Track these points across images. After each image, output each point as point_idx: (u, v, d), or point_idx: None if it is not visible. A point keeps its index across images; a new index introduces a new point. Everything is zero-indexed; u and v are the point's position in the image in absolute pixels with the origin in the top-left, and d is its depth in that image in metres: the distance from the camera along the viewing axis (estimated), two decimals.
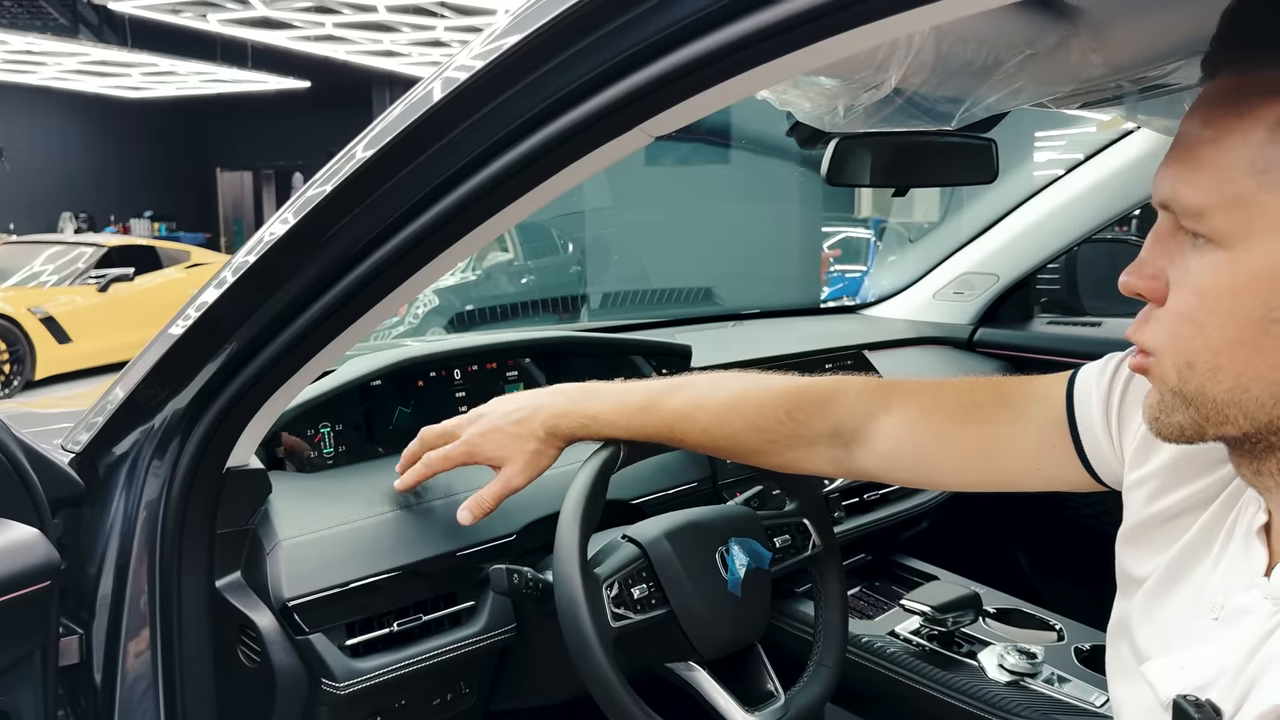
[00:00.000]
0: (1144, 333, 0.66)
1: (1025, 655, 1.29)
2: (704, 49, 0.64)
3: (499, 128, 0.74)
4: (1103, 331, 2.08)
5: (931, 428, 0.96)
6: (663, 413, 1.06)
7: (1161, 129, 1.37)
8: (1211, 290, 0.61)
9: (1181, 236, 0.64)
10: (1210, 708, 0.63)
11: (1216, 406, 0.63)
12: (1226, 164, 0.60)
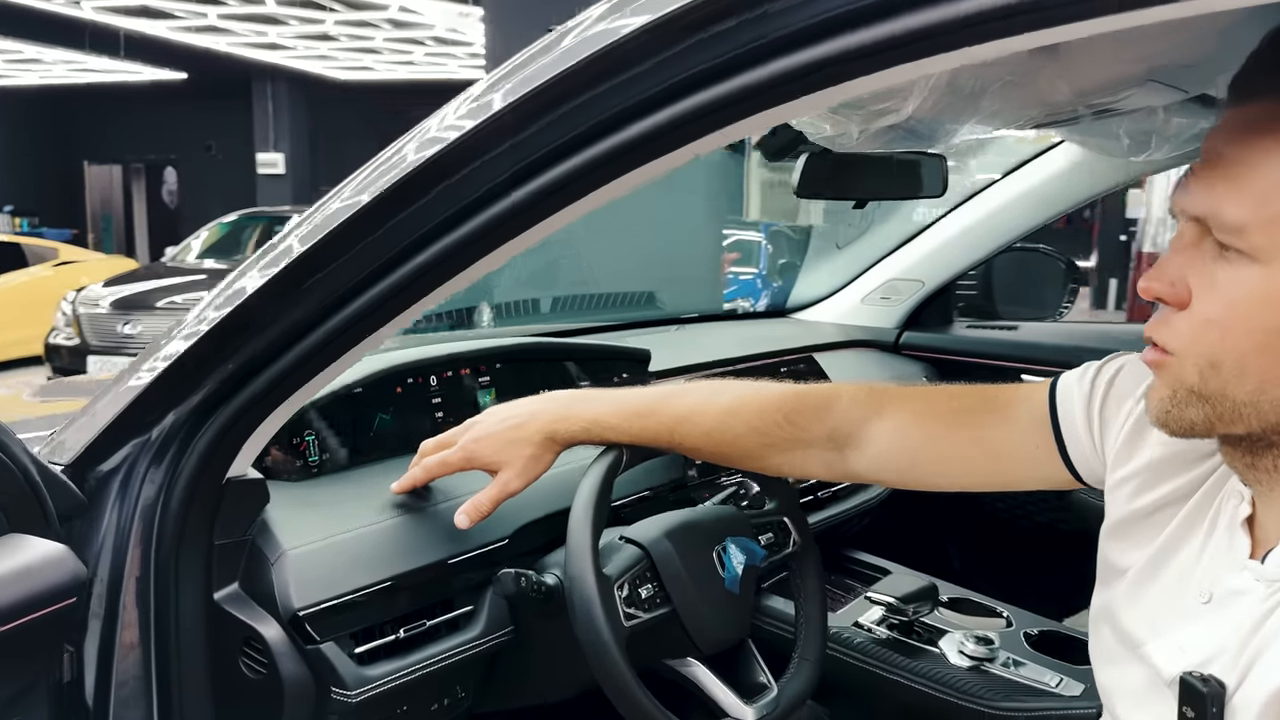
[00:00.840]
0: (1163, 333, 0.71)
1: (983, 641, 1.38)
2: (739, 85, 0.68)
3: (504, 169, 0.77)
4: (1019, 335, 2.21)
5: (923, 432, 1.02)
6: (663, 416, 1.10)
7: (1095, 147, 1.48)
8: (1242, 300, 0.66)
9: (1205, 247, 0.69)
10: (1216, 682, 0.69)
11: (1234, 406, 0.69)
12: (1270, 187, 0.65)
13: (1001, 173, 2.02)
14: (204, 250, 8.88)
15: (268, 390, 0.96)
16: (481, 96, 0.81)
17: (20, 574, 0.79)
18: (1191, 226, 0.70)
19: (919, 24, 0.61)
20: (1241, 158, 0.66)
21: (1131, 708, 0.81)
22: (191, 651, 1.03)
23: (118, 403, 1.02)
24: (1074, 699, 1.29)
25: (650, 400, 1.11)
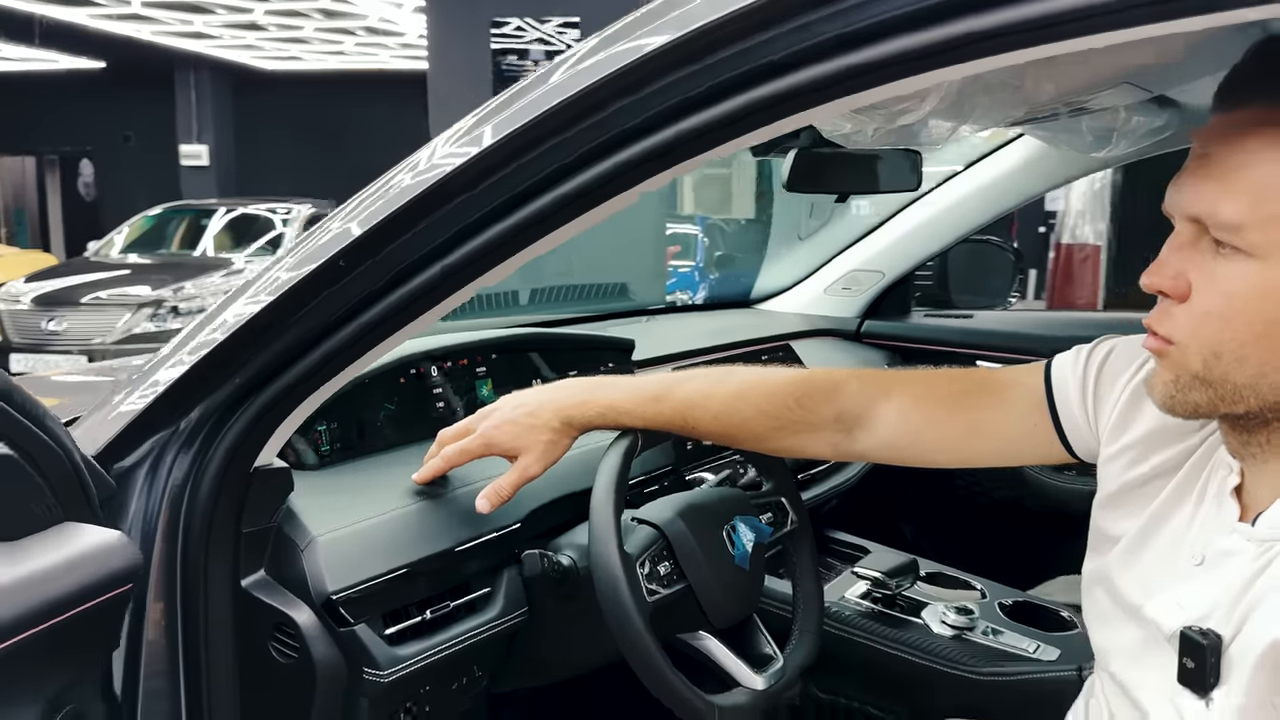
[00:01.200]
0: (1165, 325, 0.77)
1: (963, 612, 1.45)
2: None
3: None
4: (974, 323, 2.31)
5: (926, 414, 1.08)
6: (675, 401, 1.14)
7: (1062, 143, 1.56)
8: (1240, 294, 0.72)
9: (1203, 244, 0.74)
10: (1213, 635, 0.75)
11: (1236, 389, 0.75)
12: (1264, 187, 0.70)
13: (962, 165, 2.10)
14: (128, 245, 8.65)
15: (298, 382, 0.99)
16: (510, 109, 0.85)
17: (82, 560, 0.80)
18: (1188, 226, 0.75)
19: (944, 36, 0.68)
20: (1234, 161, 0.72)
21: (1127, 665, 0.87)
22: (220, 638, 1.05)
23: (143, 396, 1.03)
24: (1052, 663, 1.38)
25: (662, 386, 1.16)
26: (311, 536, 1.06)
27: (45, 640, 0.76)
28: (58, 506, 0.83)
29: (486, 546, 1.19)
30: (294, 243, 0.99)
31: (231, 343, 0.97)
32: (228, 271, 8.00)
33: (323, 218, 3.88)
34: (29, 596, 0.75)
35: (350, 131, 13.28)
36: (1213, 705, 0.74)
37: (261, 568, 1.07)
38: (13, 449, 0.78)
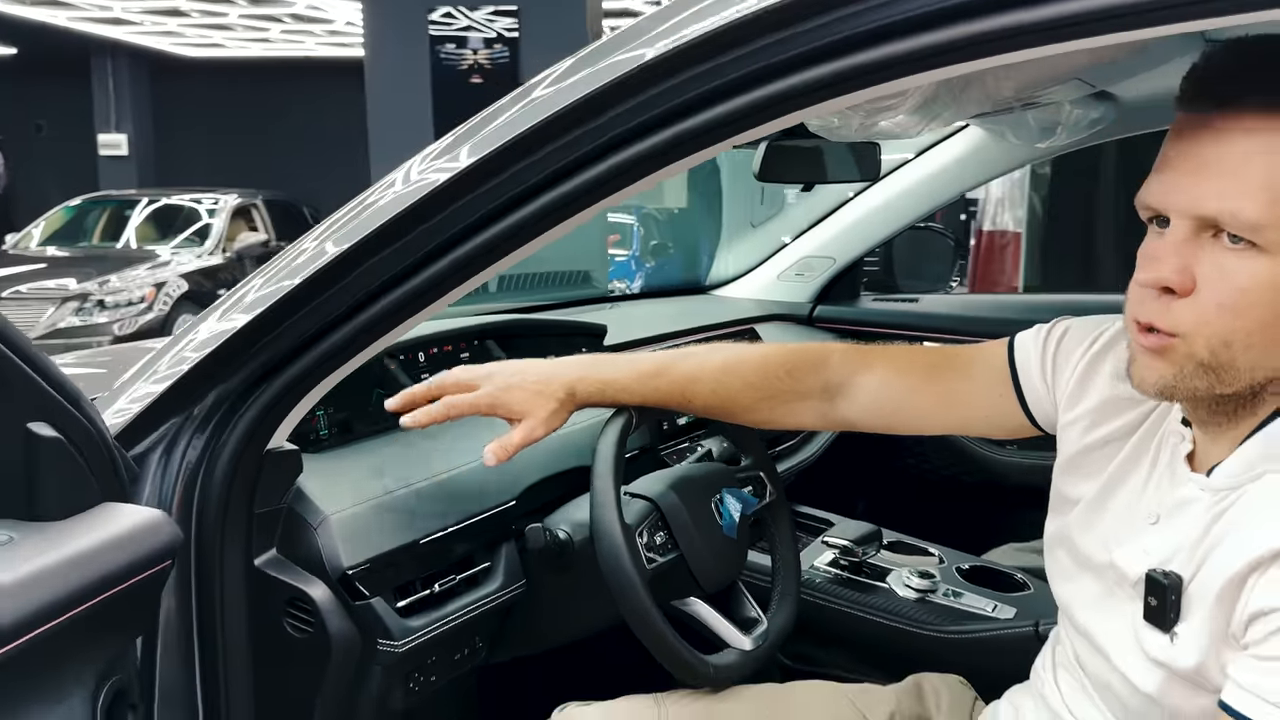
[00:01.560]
0: (1168, 319, 0.79)
1: (925, 576, 1.55)
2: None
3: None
4: (920, 307, 2.42)
5: (907, 384, 1.16)
6: (673, 376, 1.21)
7: (1011, 135, 1.66)
8: (1253, 287, 0.75)
9: (1204, 239, 0.77)
10: (1175, 576, 0.82)
11: (1235, 373, 0.78)
12: (1276, 186, 0.74)
13: (914, 153, 2.20)
14: (47, 237, 8.41)
15: (309, 370, 1.03)
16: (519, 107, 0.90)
17: (130, 538, 0.83)
18: (1187, 223, 0.78)
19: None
20: (1243, 161, 0.75)
21: (1090, 614, 0.95)
22: (235, 615, 1.09)
23: (157, 383, 1.06)
24: (1009, 620, 1.48)
25: (659, 363, 1.22)
26: (324, 515, 1.11)
27: (97, 614, 0.80)
28: (97, 488, 0.86)
29: (486, 523, 1.24)
30: (301, 241, 1.03)
31: (245, 333, 1.01)
32: (154, 264, 7.83)
33: (251, 208, 3.93)
34: (84, 572, 0.79)
35: (275, 120, 13.05)
36: (1176, 639, 0.82)
37: (273, 547, 1.11)
38: (58, 432, 0.81)
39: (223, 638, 1.08)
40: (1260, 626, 0.73)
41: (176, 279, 7.74)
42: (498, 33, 5.80)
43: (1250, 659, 0.74)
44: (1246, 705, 0.72)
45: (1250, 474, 0.81)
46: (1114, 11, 0.69)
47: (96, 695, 0.84)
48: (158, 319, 7.38)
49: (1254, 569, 0.74)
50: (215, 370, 1.04)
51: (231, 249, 8.49)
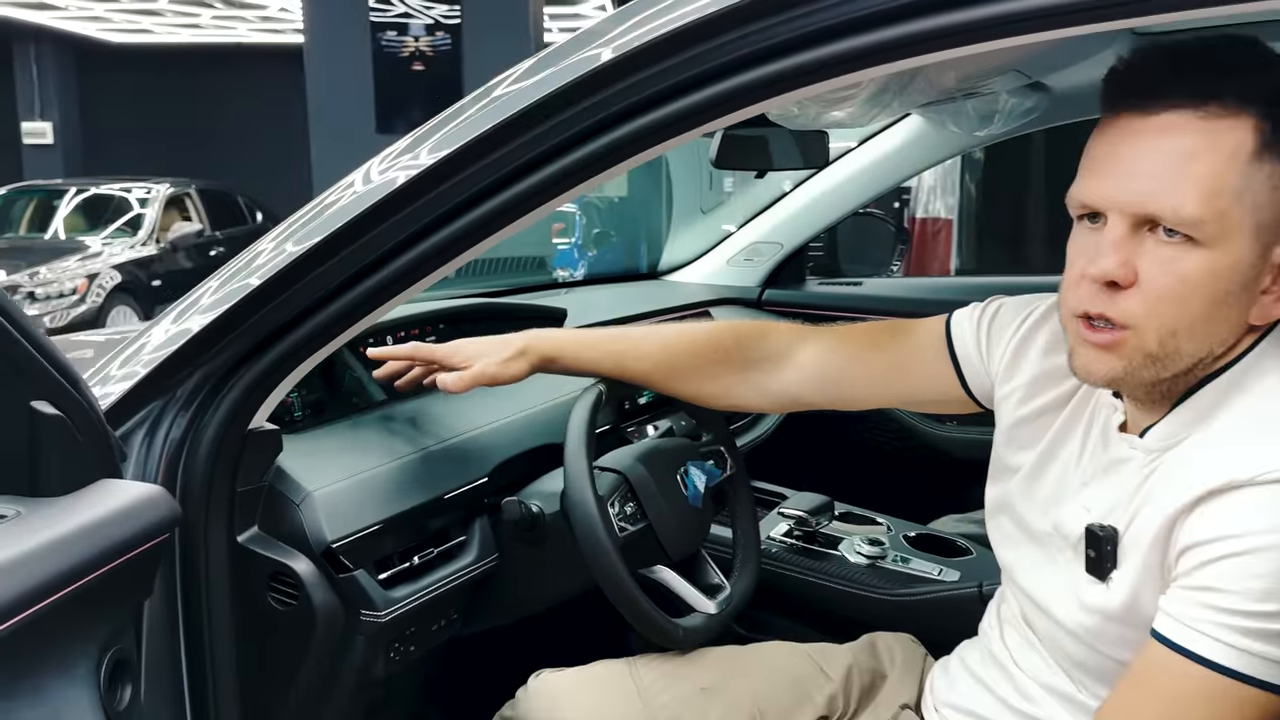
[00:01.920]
0: (1115, 310, 0.83)
1: (875, 543, 1.63)
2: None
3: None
4: (864, 290, 2.51)
5: (848, 352, 1.23)
6: (629, 339, 1.30)
7: (951, 124, 1.74)
8: (1194, 277, 0.80)
9: (1145, 235, 0.82)
10: (1110, 529, 0.90)
11: (1179, 357, 0.83)
12: (1214, 186, 0.79)
13: (856, 141, 2.28)
14: None
15: (290, 352, 1.06)
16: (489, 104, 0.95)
17: (131, 511, 0.87)
18: (1124, 220, 0.82)
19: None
20: (1180, 162, 0.80)
21: (1033, 577, 1.02)
22: (219, 590, 1.12)
23: (140, 365, 1.08)
24: (954, 583, 1.57)
25: (612, 329, 1.29)
26: (306, 492, 1.14)
27: (101, 586, 0.83)
28: (96, 465, 0.89)
29: (461, 498, 1.29)
30: (284, 226, 1.06)
31: (238, 308, 1.04)
32: (84, 255, 7.66)
33: (185, 198, 3.92)
34: (89, 545, 0.82)
35: (207, 109, 12.78)
36: (1111, 584, 0.90)
37: (255, 524, 1.14)
38: (60, 411, 0.84)
39: (208, 612, 1.11)
40: (1187, 559, 0.81)
41: (109, 270, 7.60)
42: (435, 19, 5.77)
43: (1178, 589, 0.82)
44: (1172, 631, 0.80)
45: (1179, 436, 0.88)
46: (1053, 10, 0.75)
47: (99, 665, 0.87)
48: (90, 311, 7.23)
49: (1182, 512, 0.82)
50: (197, 352, 1.06)
51: (165, 239, 8.34)
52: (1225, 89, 0.80)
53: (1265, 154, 0.80)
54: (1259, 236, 0.81)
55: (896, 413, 2.26)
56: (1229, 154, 0.80)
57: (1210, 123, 0.80)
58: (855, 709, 1.22)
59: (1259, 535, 0.77)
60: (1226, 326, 0.84)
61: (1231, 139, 0.80)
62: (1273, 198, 0.81)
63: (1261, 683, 0.77)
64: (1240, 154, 0.80)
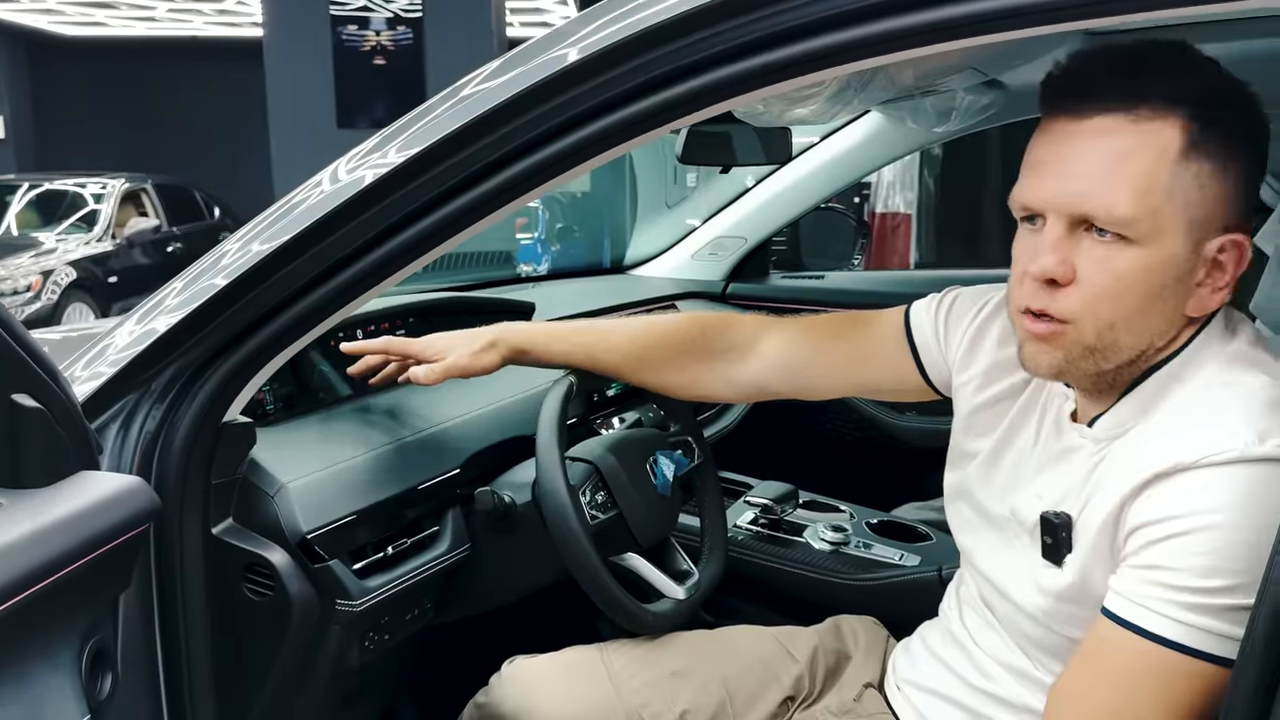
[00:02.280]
0: (1055, 305, 0.87)
1: (838, 530, 1.67)
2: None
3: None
4: (826, 283, 2.56)
5: (812, 342, 1.27)
6: (598, 330, 1.33)
7: (910, 120, 1.79)
8: (1128, 273, 0.84)
9: (1079, 234, 0.85)
10: (1065, 515, 0.94)
11: (1118, 350, 0.87)
12: (1145, 185, 0.82)
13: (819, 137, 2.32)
14: None
15: (264, 345, 1.08)
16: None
17: (112, 502, 0.88)
18: (1061, 220, 0.85)
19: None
20: (1113, 163, 0.83)
21: (991, 561, 1.06)
22: (194, 582, 1.13)
23: (106, 366, 1.09)
24: (914, 567, 1.61)
25: (582, 325, 1.34)
26: (281, 484, 1.16)
27: (84, 575, 0.84)
28: (75, 457, 0.90)
29: (433, 489, 1.31)
30: (249, 227, 1.07)
31: (206, 307, 1.05)
32: (38, 251, 7.53)
33: (141, 193, 3.90)
34: (72, 535, 0.83)
35: (163, 103, 12.58)
36: (1065, 567, 0.94)
37: (229, 516, 1.15)
38: (40, 403, 0.85)
39: (183, 604, 1.12)
40: (1135, 540, 0.85)
41: (64, 266, 7.47)
42: (397, 13, 5.75)
43: (1127, 568, 0.86)
44: (1122, 608, 0.85)
45: (1125, 426, 0.92)
46: (1013, 11, 0.79)
47: (81, 653, 0.88)
48: (46, 308, 7.11)
49: (1131, 495, 0.86)
50: (172, 346, 1.07)
51: (122, 235, 8.22)
52: (1154, 91, 0.83)
53: (1192, 153, 0.83)
54: (1191, 232, 0.85)
55: (857, 403, 2.31)
56: (1158, 154, 0.83)
57: (1140, 124, 0.83)
58: (821, 689, 1.26)
59: (1203, 515, 0.80)
60: (1163, 319, 0.88)
61: (1160, 139, 0.83)
62: (1202, 195, 0.84)
63: (1208, 655, 0.81)
64: (1169, 153, 0.83)
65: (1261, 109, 0.88)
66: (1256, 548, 0.77)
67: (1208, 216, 0.85)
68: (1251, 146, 0.86)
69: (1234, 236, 0.86)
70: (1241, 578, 0.79)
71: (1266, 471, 0.80)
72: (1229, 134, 0.84)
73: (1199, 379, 0.89)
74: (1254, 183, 0.87)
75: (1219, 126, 0.83)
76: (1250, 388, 0.85)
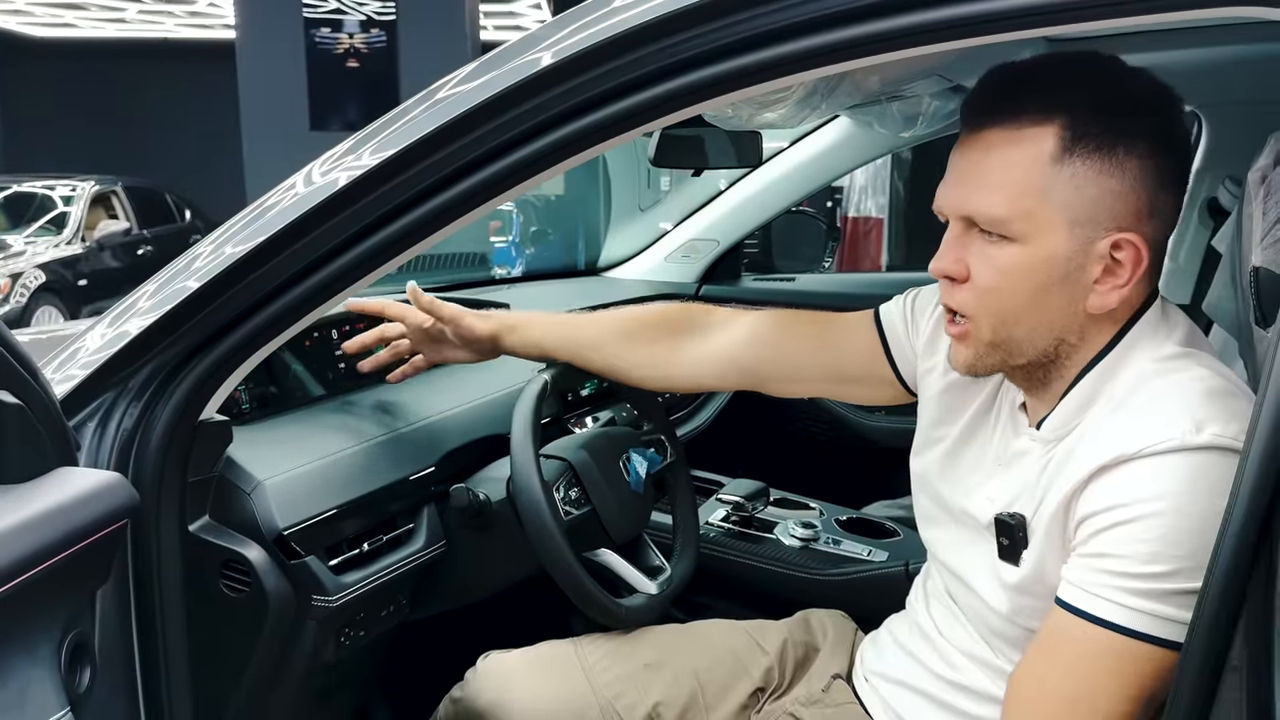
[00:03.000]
0: (955, 299, 0.95)
1: (808, 526, 1.70)
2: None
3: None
4: (797, 285, 2.59)
5: (784, 322, 1.31)
6: (585, 319, 1.34)
7: (877, 125, 1.82)
8: (1011, 271, 0.90)
9: (974, 235, 0.92)
10: (1020, 516, 0.97)
11: (1018, 345, 0.94)
12: (1020, 188, 0.88)
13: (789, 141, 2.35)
14: None
15: (241, 344, 1.09)
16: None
17: (91, 497, 0.89)
18: (958, 223, 0.93)
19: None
20: (991, 170, 0.90)
21: (954, 554, 1.09)
22: (171, 579, 1.14)
23: (78, 368, 1.09)
24: (883, 563, 1.64)
25: (569, 315, 1.39)
26: (257, 481, 1.17)
27: (63, 569, 0.85)
28: (54, 454, 0.91)
29: (409, 486, 1.32)
30: (222, 230, 1.08)
31: (179, 309, 1.06)
32: (6, 254, 7.45)
33: (111, 195, 3.90)
34: (52, 529, 0.84)
35: (133, 104, 12.49)
36: (1022, 564, 0.98)
37: (206, 513, 1.16)
38: (18, 399, 0.86)
39: (160, 600, 1.13)
40: (1083, 530, 0.89)
41: (33, 269, 7.39)
42: (370, 16, 5.74)
43: (1076, 558, 0.89)
44: (1073, 596, 0.88)
45: (1069, 425, 0.96)
46: (977, 19, 0.82)
47: (60, 647, 0.89)
48: (14, 311, 7.04)
49: (1078, 488, 0.90)
50: (149, 345, 1.08)
51: (91, 238, 8.14)
52: (1035, 103, 0.90)
53: (1066, 156, 0.88)
54: (1074, 231, 0.89)
55: (828, 403, 2.34)
56: (1033, 158, 0.89)
57: (1021, 132, 0.89)
58: (790, 680, 1.28)
59: (1145, 503, 0.84)
60: (1059, 315, 0.92)
61: (1036, 145, 0.89)
62: (1079, 196, 0.89)
63: (1157, 639, 0.84)
64: (1043, 157, 0.88)
65: (1172, 115, 0.92)
66: (1199, 533, 0.80)
67: (1091, 216, 0.89)
68: (1151, 151, 0.89)
69: (1127, 236, 0.89)
70: (1185, 562, 0.82)
71: (1205, 459, 0.83)
72: (1111, 139, 0.88)
73: (1134, 374, 0.92)
74: (1159, 185, 0.90)
75: (1095, 133, 0.88)
76: (1187, 379, 0.89)
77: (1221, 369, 0.92)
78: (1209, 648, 0.73)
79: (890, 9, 0.84)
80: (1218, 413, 0.85)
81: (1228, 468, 0.75)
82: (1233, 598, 0.71)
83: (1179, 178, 0.93)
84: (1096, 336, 0.94)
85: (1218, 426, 0.84)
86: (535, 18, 10.14)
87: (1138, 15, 0.83)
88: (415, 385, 1.51)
